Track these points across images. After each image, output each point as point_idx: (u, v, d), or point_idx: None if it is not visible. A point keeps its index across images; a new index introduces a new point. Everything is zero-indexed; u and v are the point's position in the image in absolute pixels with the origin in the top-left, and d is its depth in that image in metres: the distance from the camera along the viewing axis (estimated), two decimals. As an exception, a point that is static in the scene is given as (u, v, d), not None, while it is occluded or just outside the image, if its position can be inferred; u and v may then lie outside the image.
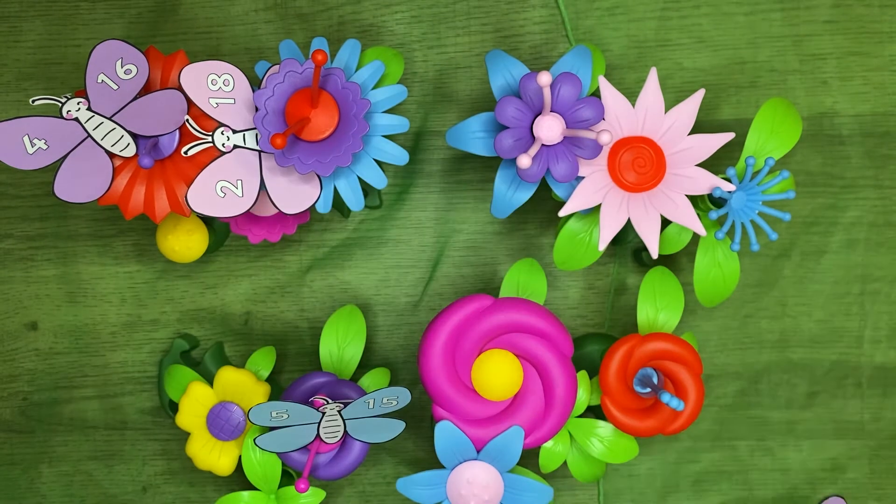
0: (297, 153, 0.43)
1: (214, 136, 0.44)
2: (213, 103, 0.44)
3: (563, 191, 0.46)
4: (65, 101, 0.43)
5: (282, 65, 0.43)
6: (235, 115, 0.44)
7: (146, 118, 0.43)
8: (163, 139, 0.44)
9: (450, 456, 0.47)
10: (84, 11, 0.52)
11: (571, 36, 0.51)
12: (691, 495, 0.53)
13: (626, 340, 0.48)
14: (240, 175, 0.44)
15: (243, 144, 0.44)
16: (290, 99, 0.43)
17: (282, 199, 0.44)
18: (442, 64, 0.52)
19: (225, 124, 0.44)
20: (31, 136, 0.43)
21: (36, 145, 0.43)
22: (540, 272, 0.49)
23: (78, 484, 0.53)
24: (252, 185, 0.44)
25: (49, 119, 0.43)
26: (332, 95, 0.43)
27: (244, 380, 0.49)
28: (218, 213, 0.44)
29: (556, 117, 0.44)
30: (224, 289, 0.53)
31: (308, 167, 0.43)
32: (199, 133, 0.44)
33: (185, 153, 0.44)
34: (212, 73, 0.43)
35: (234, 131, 0.44)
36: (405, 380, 0.53)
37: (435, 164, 0.52)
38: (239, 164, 0.44)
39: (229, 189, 0.44)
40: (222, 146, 0.44)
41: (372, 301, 0.53)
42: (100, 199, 0.44)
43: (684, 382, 0.48)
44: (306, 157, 0.43)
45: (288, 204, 0.44)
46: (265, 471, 0.49)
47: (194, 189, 0.43)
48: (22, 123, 0.43)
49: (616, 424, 0.48)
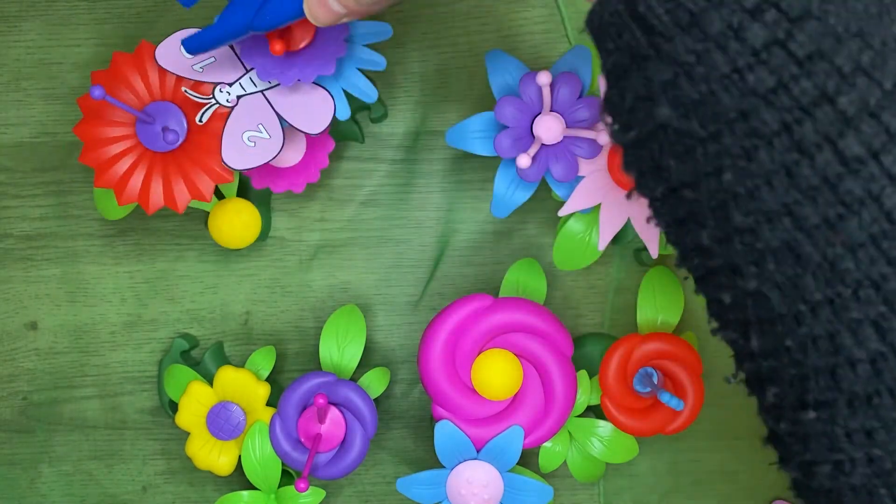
0: (294, 66, 0.43)
1: (215, 95, 0.44)
2: (198, 69, 0.44)
3: (563, 191, 0.46)
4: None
5: None
6: (222, 70, 0.44)
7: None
8: (172, 126, 0.44)
9: (450, 455, 0.47)
10: (83, 11, 0.52)
11: (571, 36, 0.51)
12: (691, 495, 0.53)
13: (625, 340, 0.48)
14: (258, 119, 0.44)
15: (244, 92, 0.44)
16: None
17: (304, 122, 0.44)
18: (442, 64, 0.52)
19: (219, 82, 0.44)
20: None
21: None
22: (540, 272, 0.49)
23: (78, 483, 0.53)
24: (273, 124, 0.44)
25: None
26: None
27: (244, 380, 0.49)
28: (259, 161, 0.44)
29: (555, 117, 0.44)
30: (224, 289, 0.53)
31: (313, 72, 0.42)
32: (202, 99, 0.44)
33: (200, 120, 0.44)
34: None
35: (230, 84, 0.44)
36: (405, 379, 0.53)
37: (435, 164, 0.52)
38: (251, 110, 0.44)
39: (256, 136, 0.44)
40: (227, 102, 0.44)
41: (372, 301, 0.53)
42: (96, 182, 0.44)
43: (684, 382, 0.48)
44: (305, 66, 0.43)
45: (311, 124, 0.44)
46: (265, 471, 0.49)
47: (226, 151, 0.44)
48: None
49: (616, 424, 0.48)
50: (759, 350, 0.29)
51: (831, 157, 0.25)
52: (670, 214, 0.30)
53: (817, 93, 0.25)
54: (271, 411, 0.48)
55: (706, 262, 0.29)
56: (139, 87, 0.45)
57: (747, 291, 0.28)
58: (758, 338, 0.29)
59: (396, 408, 0.53)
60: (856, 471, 0.28)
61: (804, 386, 0.28)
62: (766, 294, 0.28)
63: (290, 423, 0.47)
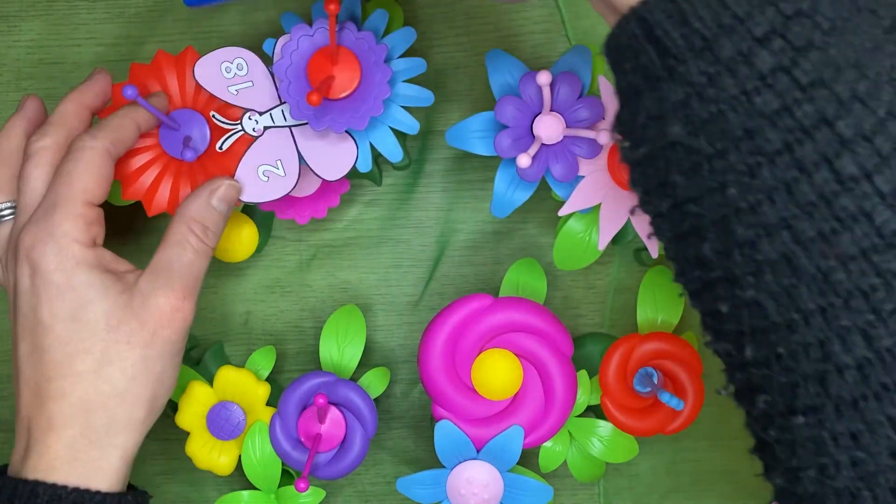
0: (328, 114, 0.42)
1: (243, 122, 0.44)
2: (233, 91, 0.43)
3: (563, 191, 0.46)
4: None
5: (292, 31, 0.43)
6: (257, 97, 0.44)
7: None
8: (196, 136, 0.44)
9: (450, 455, 0.47)
10: (83, 11, 0.52)
11: (571, 36, 0.51)
12: (691, 495, 0.53)
13: (625, 340, 0.48)
14: (278, 155, 0.44)
15: (273, 124, 0.44)
16: (308, 62, 0.43)
17: (322, 168, 0.44)
18: (442, 64, 0.52)
19: (250, 108, 0.44)
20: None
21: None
22: (540, 272, 0.49)
23: (78, 484, 0.53)
24: (292, 162, 0.44)
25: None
26: (349, 49, 0.43)
27: (244, 379, 0.49)
28: (266, 196, 0.44)
29: (555, 117, 0.44)
30: (224, 288, 0.53)
31: (343, 124, 0.42)
32: (227, 124, 0.44)
33: (220, 148, 0.44)
34: (224, 61, 0.43)
35: (260, 113, 0.44)
36: (405, 379, 0.53)
37: (435, 163, 0.52)
38: (274, 144, 0.44)
39: (271, 172, 0.44)
40: (253, 131, 0.44)
41: (372, 301, 0.53)
42: (123, 194, 0.44)
43: (684, 382, 0.48)
44: (338, 116, 0.42)
45: (329, 171, 0.44)
46: (265, 470, 0.49)
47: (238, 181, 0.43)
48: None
49: (616, 424, 0.48)
50: (753, 359, 0.31)
51: (828, 176, 0.27)
52: (673, 230, 0.31)
53: (818, 116, 0.27)
54: (271, 411, 0.48)
55: (705, 275, 0.31)
56: (174, 90, 0.45)
57: (745, 301, 0.30)
58: (752, 347, 0.30)
59: (396, 408, 0.53)
60: (840, 474, 0.29)
61: (794, 392, 0.30)
62: (763, 303, 0.29)
63: (290, 423, 0.47)
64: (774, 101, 0.27)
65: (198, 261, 0.41)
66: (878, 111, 0.27)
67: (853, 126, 0.27)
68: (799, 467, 0.31)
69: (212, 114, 0.44)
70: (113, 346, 0.39)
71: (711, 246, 0.30)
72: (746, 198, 0.28)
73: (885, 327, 0.28)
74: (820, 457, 0.30)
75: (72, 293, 0.39)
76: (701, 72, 0.28)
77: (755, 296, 0.29)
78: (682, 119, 0.29)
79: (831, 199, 0.27)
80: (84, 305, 0.39)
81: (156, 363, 0.40)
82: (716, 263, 0.30)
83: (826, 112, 0.27)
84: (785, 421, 0.31)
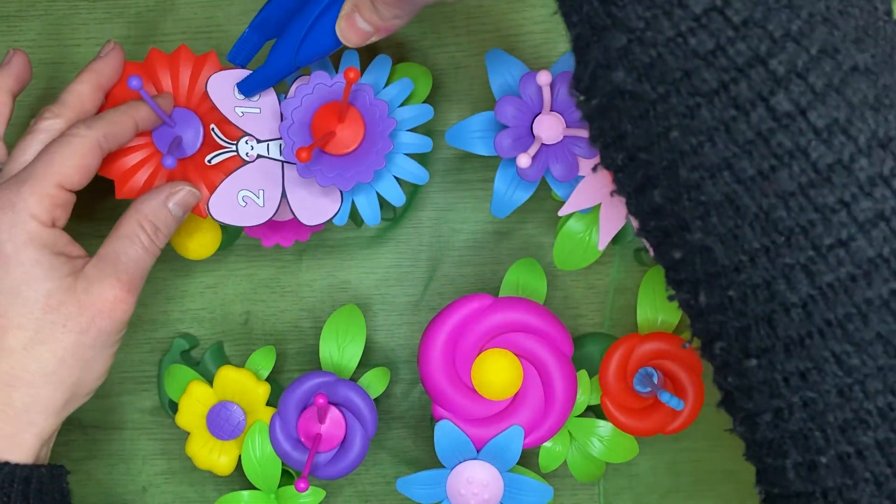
0: (319, 165, 0.43)
1: (238, 145, 0.44)
2: (239, 112, 0.44)
3: (563, 190, 0.46)
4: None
5: (312, 76, 0.43)
6: (260, 125, 0.44)
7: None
8: (186, 138, 0.44)
9: (450, 455, 0.47)
10: (83, 11, 0.52)
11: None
12: (691, 495, 0.53)
13: (625, 340, 0.48)
14: (262, 185, 0.44)
15: (267, 155, 0.44)
16: (317, 111, 0.43)
17: (302, 211, 0.44)
18: (442, 64, 0.52)
19: (250, 133, 0.44)
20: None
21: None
22: (540, 272, 0.49)
23: (77, 483, 0.53)
24: (274, 196, 0.44)
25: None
26: (359, 111, 0.43)
27: (244, 379, 0.49)
28: (238, 221, 0.44)
29: (556, 117, 0.44)
30: (224, 288, 0.53)
31: (329, 180, 0.43)
32: (224, 142, 0.44)
33: (209, 161, 0.44)
34: (237, 83, 0.44)
35: (258, 141, 0.44)
36: (405, 379, 0.53)
37: (435, 163, 0.52)
38: (262, 174, 0.44)
39: (251, 199, 0.44)
40: (246, 155, 0.44)
41: (372, 301, 0.53)
42: (118, 193, 0.44)
43: (684, 382, 0.48)
44: (328, 171, 0.43)
45: (308, 216, 0.44)
46: (265, 471, 0.49)
47: (216, 197, 0.43)
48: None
49: (616, 424, 0.48)
50: (707, 305, 0.32)
51: (764, 114, 0.28)
52: (630, 182, 0.32)
53: (751, 54, 0.28)
54: (271, 411, 0.48)
55: (660, 223, 0.32)
56: (167, 89, 0.45)
57: (695, 246, 0.31)
58: (706, 293, 0.31)
59: (396, 408, 0.53)
60: (793, 416, 0.30)
61: (746, 336, 0.31)
62: (711, 247, 0.30)
63: (290, 423, 0.47)
64: (709, 41, 0.28)
65: (145, 258, 0.42)
66: (810, 49, 0.27)
67: (786, 63, 0.27)
68: (755, 412, 0.32)
69: (211, 127, 0.44)
70: (48, 327, 0.39)
71: (662, 192, 0.31)
72: (689, 140, 0.29)
73: (825, 263, 0.28)
74: (773, 398, 0.31)
75: (18, 267, 0.39)
76: (639, 16, 0.28)
77: (703, 239, 0.30)
78: (626, 65, 0.29)
79: (768, 137, 0.28)
80: (27, 282, 0.39)
81: (87, 350, 0.40)
82: (667, 210, 0.31)
83: (759, 50, 0.27)
84: (740, 366, 0.31)
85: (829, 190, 0.28)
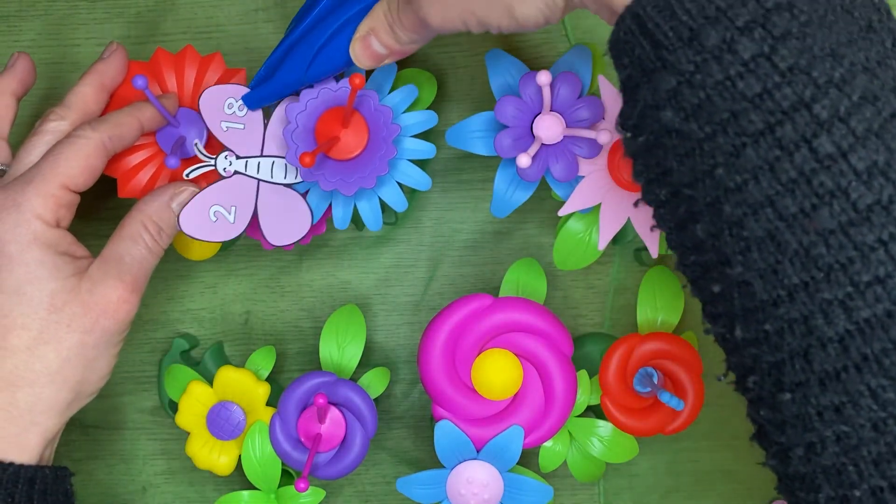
0: (322, 170, 0.43)
1: (217, 159, 0.44)
2: (224, 127, 0.44)
3: (563, 190, 0.46)
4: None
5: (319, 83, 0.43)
6: (242, 142, 0.44)
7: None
8: (190, 138, 0.44)
9: (450, 455, 0.47)
10: (83, 11, 0.52)
11: (571, 36, 0.51)
12: (691, 495, 0.53)
13: (625, 340, 0.48)
14: (235, 202, 0.44)
15: (244, 172, 0.44)
16: (321, 116, 0.43)
17: (272, 230, 0.45)
18: (442, 64, 0.52)
19: (230, 149, 0.44)
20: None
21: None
22: (540, 272, 0.49)
23: (78, 483, 0.53)
24: (245, 214, 0.44)
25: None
26: (363, 117, 0.43)
27: (244, 379, 0.49)
28: (206, 237, 0.44)
29: (555, 116, 0.44)
30: (224, 289, 0.53)
31: (331, 185, 0.43)
32: (204, 156, 0.44)
33: (187, 175, 0.44)
34: (230, 97, 0.44)
35: (237, 157, 0.44)
36: (405, 379, 0.53)
37: (435, 163, 0.52)
38: (237, 190, 0.44)
39: (222, 214, 0.44)
40: (223, 170, 0.44)
41: (372, 301, 0.53)
42: (120, 192, 0.44)
43: (684, 382, 0.48)
44: (331, 175, 0.43)
45: (276, 235, 0.45)
46: (265, 471, 0.49)
47: (188, 210, 0.43)
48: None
49: (616, 424, 0.48)
50: (742, 339, 0.32)
51: (807, 155, 0.29)
52: (672, 217, 0.33)
53: (796, 98, 0.29)
54: (271, 411, 0.48)
55: (700, 258, 0.33)
56: (172, 89, 0.45)
57: (734, 281, 0.32)
58: (742, 327, 0.32)
59: (396, 408, 0.53)
60: (826, 450, 0.31)
61: (780, 370, 0.32)
62: (750, 282, 0.31)
63: (290, 423, 0.47)
64: (756, 84, 0.29)
65: (149, 258, 0.42)
66: (852, 95, 0.29)
67: (829, 108, 0.29)
68: (788, 446, 0.32)
69: (195, 142, 0.44)
70: (52, 327, 0.39)
71: (704, 228, 0.32)
72: (734, 178, 0.30)
73: (862, 299, 0.29)
74: (807, 433, 0.31)
75: (22, 267, 0.39)
76: (689, 60, 0.30)
77: (743, 274, 0.31)
78: (675, 106, 0.31)
79: (811, 177, 0.29)
80: (31, 281, 0.39)
81: (91, 350, 0.40)
82: (708, 245, 0.32)
83: (804, 95, 0.29)
84: (773, 400, 0.32)
85: (868, 229, 0.29)
